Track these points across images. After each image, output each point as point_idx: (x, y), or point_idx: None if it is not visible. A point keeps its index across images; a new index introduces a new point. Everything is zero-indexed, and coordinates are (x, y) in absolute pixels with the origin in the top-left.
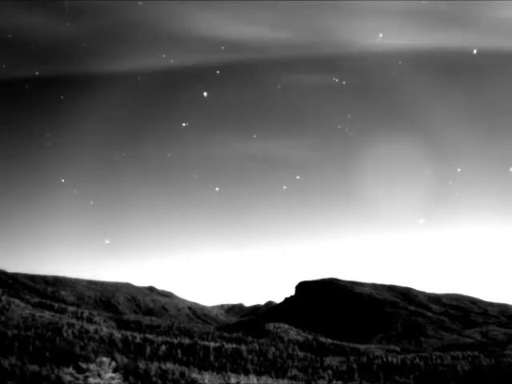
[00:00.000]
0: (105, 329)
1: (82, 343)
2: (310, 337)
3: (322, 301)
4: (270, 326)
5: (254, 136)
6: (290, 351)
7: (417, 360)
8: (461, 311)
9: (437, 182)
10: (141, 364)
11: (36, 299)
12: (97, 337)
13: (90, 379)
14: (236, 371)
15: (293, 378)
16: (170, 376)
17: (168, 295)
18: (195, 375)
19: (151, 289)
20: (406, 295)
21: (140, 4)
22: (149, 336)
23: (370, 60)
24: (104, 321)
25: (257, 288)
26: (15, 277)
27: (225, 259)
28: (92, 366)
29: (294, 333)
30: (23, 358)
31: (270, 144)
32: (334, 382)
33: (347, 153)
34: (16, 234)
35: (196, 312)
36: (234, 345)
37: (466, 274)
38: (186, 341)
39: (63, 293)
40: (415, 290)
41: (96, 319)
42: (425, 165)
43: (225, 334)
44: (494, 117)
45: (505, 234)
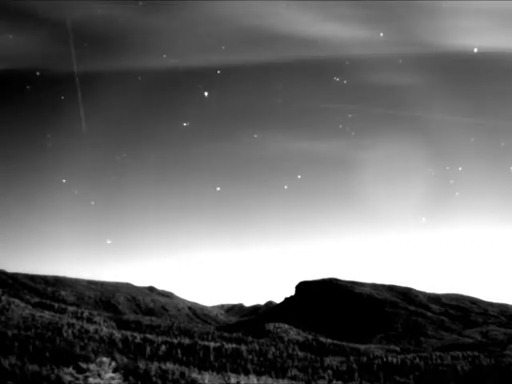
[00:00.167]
0: (105, 329)
1: (82, 343)
2: (310, 337)
3: (322, 301)
4: (270, 326)
5: (255, 136)
6: (290, 351)
7: (417, 360)
8: (461, 311)
9: (437, 182)
10: (141, 364)
11: (36, 299)
12: (97, 337)
13: (90, 379)
14: (236, 371)
15: (293, 378)
16: (170, 376)
17: (168, 295)
18: (195, 375)
19: (151, 289)
20: (406, 295)
21: (140, 4)
22: (149, 336)
23: (371, 59)
24: (104, 321)
25: (257, 288)
26: (15, 277)
27: (225, 259)
28: (92, 366)
29: (294, 333)
30: (23, 358)
31: (271, 144)
32: (334, 382)
33: (348, 152)
34: (16, 234)
35: (196, 312)
36: (234, 345)
37: (466, 274)
38: (186, 341)
39: (63, 293)
40: (415, 290)
41: (96, 319)
42: (425, 164)
43: (225, 334)
44: (496, 115)
45: (505, 234)
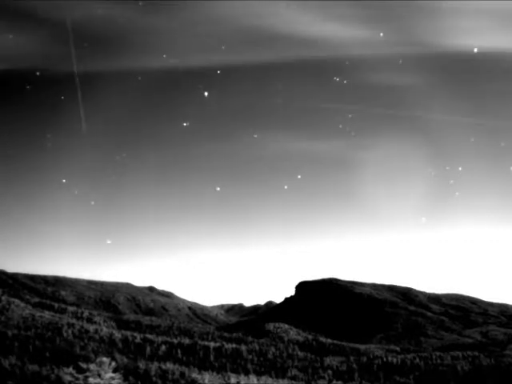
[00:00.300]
0: (105, 329)
1: (82, 343)
2: (310, 337)
3: (322, 301)
4: (270, 326)
5: (255, 136)
6: (290, 351)
7: (417, 360)
8: (461, 311)
9: (437, 182)
10: (141, 364)
11: (36, 299)
12: (97, 337)
13: (90, 379)
14: (236, 371)
15: (293, 378)
16: (170, 376)
17: (168, 295)
18: (195, 375)
19: (151, 289)
20: (406, 295)
21: (140, 4)
22: (149, 336)
23: (371, 59)
24: (104, 321)
25: (257, 288)
26: (15, 277)
27: (225, 259)
28: (92, 366)
29: (294, 333)
30: (23, 358)
31: (271, 144)
32: (334, 382)
33: (348, 152)
34: (16, 234)
35: (196, 312)
36: (234, 345)
37: (466, 274)
38: (186, 341)
39: (63, 293)
40: (415, 290)
41: (96, 319)
42: (425, 164)
43: (225, 334)
44: (496, 115)
45: (505, 234)
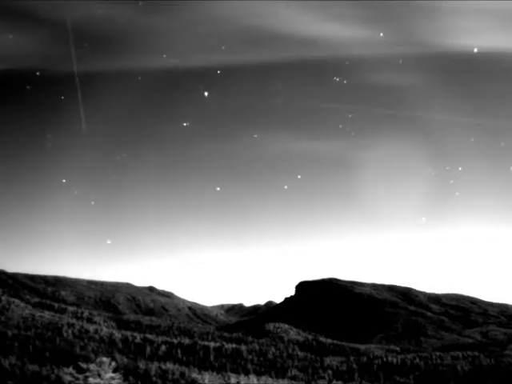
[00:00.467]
0: (105, 329)
1: (82, 343)
2: (310, 337)
3: (322, 301)
4: (270, 326)
5: (255, 136)
6: (290, 351)
7: (417, 360)
8: (461, 311)
9: (437, 182)
10: (141, 364)
11: (36, 299)
12: (97, 337)
13: (90, 379)
14: (236, 371)
15: (293, 378)
16: (170, 376)
17: (168, 295)
18: (195, 375)
19: (151, 289)
20: (406, 295)
21: (140, 4)
22: (149, 336)
23: (371, 59)
24: (104, 321)
25: (257, 288)
26: (15, 277)
27: (225, 259)
28: (92, 366)
29: (294, 333)
30: (23, 358)
31: (271, 144)
32: (334, 382)
33: (348, 152)
34: (16, 234)
35: (196, 312)
36: (234, 345)
37: (466, 274)
38: (186, 341)
39: (63, 293)
40: (415, 290)
41: (96, 319)
42: (425, 164)
43: (225, 334)
44: (496, 115)
45: (505, 234)
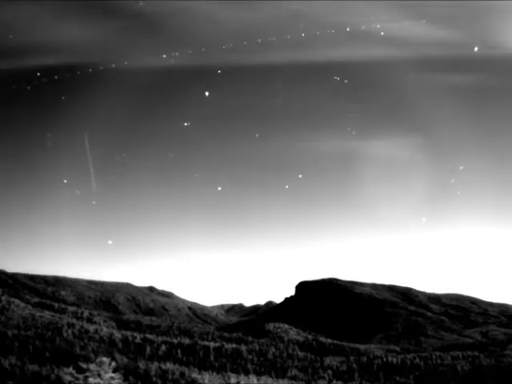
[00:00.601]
0: (105, 329)
1: (82, 343)
2: (310, 337)
3: (322, 301)
4: (270, 326)
5: (257, 135)
6: (290, 351)
7: (417, 360)
8: (461, 311)
9: (438, 181)
10: (141, 364)
11: (36, 299)
12: (97, 337)
13: (90, 379)
14: (236, 371)
15: (293, 378)
16: (170, 376)
17: (168, 295)
18: (195, 375)
19: (151, 289)
20: (406, 295)
21: (140, 4)
22: (149, 336)
23: (372, 59)
24: (104, 321)
25: (257, 288)
26: (15, 277)
27: (225, 259)
28: (92, 366)
29: (294, 333)
30: (23, 358)
31: (272, 143)
32: (334, 382)
33: (349, 152)
34: (16, 234)
35: (196, 312)
36: (234, 345)
37: (466, 274)
38: (186, 341)
39: (63, 293)
40: (415, 290)
41: (96, 319)
42: (426, 164)
43: (225, 334)
44: (496, 114)
45: (505, 234)
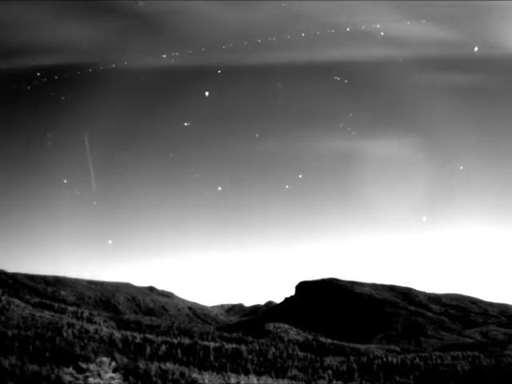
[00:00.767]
0: (105, 329)
1: (82, 343)
2: (310, 337)
3: (322, 301)
4: (270, 326)
5: (257, 135)
6: (290, 351)
7: (417, 360)
8: (461, 311)
9: (438, 181)
10: (141, 364)
11: (36, 299)
12: (97, 337)
13: (90, 379)
14: (236, 371)
15: (293, 378)
16: (170, 376)
17: (168, 295)
18: (195, 375)
19: (151, 289)
20: (406, 295)
21: (140, 4)
22: (149, 336)
23: (372, 59)
24: (104, 321)
25: (257, 288)
26: (15, 277)
27: (225, 259)
28: (92, 366)
29: (294, 333)
30: (23, 358)
31: (272, 143)
32: (334, 382)
33: (349, 151)
34: (16, 234)
35: (196, 312)
36: (234, 345)
37: (466, 274)
38: (186, 341)
39: (63, 293)
40: (415, 290)
41: (96, 319)
42: (426, 163)
43: (225, 334)
44: (496, 114)
45: (505, 234)
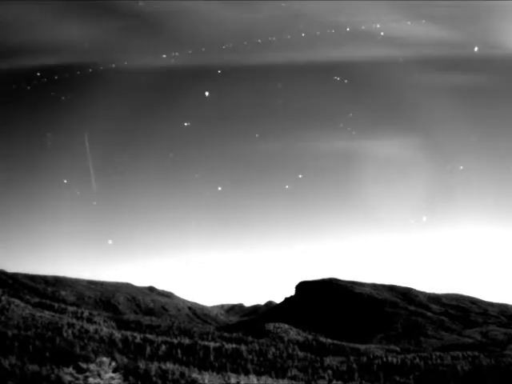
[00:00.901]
0: (105, 329)
1: (82, 343)
2: (310, 337)
3: (322, 301)
4: (270, 326)
5: (257, 135)
6: (290, 351)
7: (417, 360)
8: (461, 311)
9: (438, 181)
10: (141, 364)
11: (36, 299)
12: (97, 337)
13: (90, 379)
14: (236, 371)
15: (293, 378)
16: (170, 376)
17: (168, 295)
18: (195, 375)
19: (151, 289)
20: (406, 295)
21: (140, 4)
22: (149, 336)
23: (372, 59)
24: (104, 321)
25: (257, 288)
26: (15, 277)
27: (225, 259)
28: (92, 366)
29: (294, 333)
30: (23, 358)
31: (272, 143)
32: (334, 382)
33: (349, 151)
34: (16, 234)
35: (196, 312)
36: (234, 345)
37: (466, 274)
38: (186, 341)
39: (63, 293)
40: (415, 290)
41: (96, 319)
42: (426, 163)
43: (225, 334)
44: (496, 114)
45: (505, 234)
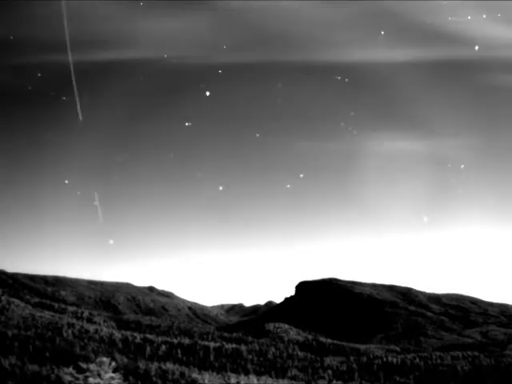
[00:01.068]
0: (105, 329)
1: (82, 343)
2: (310, 337)
3: (322, 301)
4: (270, 326)
5: (257, 135)
6: (290, 351)
7: (417, 360)
8: (461, 311)
9: (439, 181)
10: (141, 364)
11: (36, 299)
12: (97, 337)
13: (90, 379)
14: (236, 371)
15: (293, 378)
16: (170, 376)
17: (168, 295)
18: (195, 375)
19: (151, 289)
20: (406, 295)
21: (140, 4)
22: (149, 336)
23: (372, 58)
24: (104, 321)
25: (257, 288)
26: (15, 277)
27: (225, 259)
28: (92, 366)
29: (294, 333)
30: (23, 358)
31: (273, 143)
32: (334, 382)
33: (350, 150)
34: (16, 234)
35: (196, 312)
36: (234, 345)
37: (466, 274)
38: (186, 341)
39: (63, 293)
40: (415, 290)
41: (96, 319)
42: (427, 163)
43: (225, 334)
44: (497, 113)
45: (505, 234)
